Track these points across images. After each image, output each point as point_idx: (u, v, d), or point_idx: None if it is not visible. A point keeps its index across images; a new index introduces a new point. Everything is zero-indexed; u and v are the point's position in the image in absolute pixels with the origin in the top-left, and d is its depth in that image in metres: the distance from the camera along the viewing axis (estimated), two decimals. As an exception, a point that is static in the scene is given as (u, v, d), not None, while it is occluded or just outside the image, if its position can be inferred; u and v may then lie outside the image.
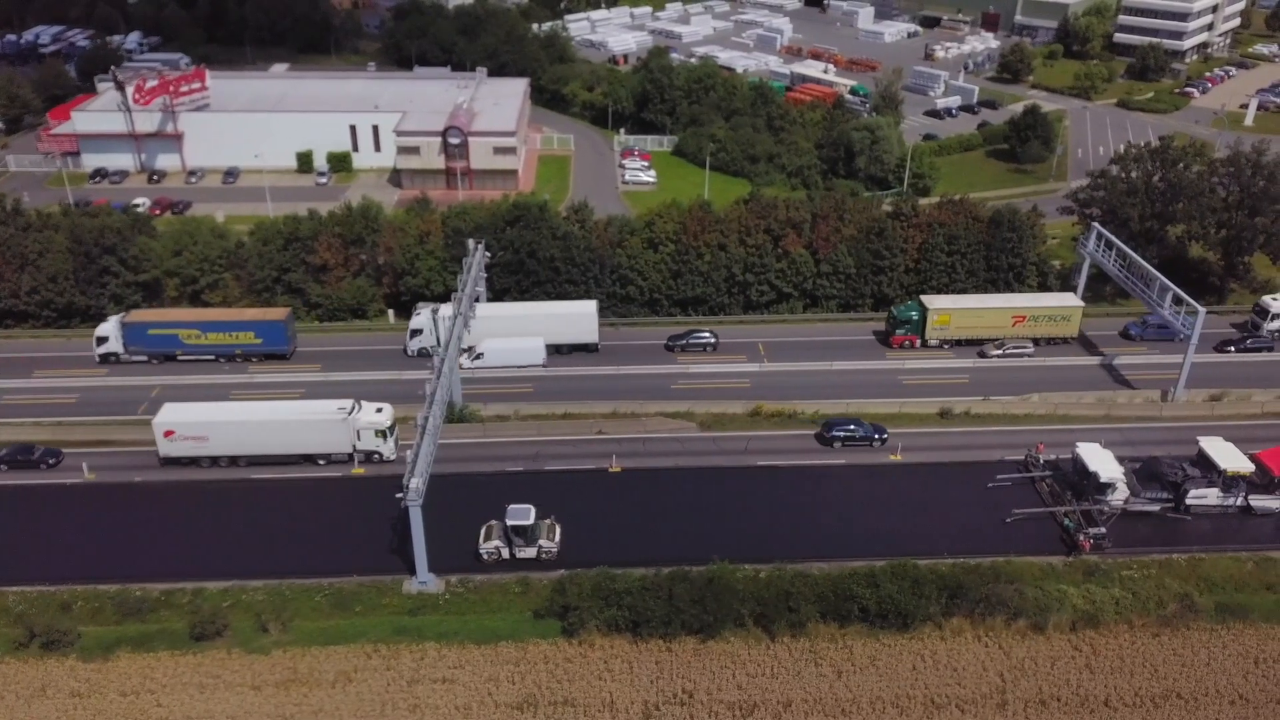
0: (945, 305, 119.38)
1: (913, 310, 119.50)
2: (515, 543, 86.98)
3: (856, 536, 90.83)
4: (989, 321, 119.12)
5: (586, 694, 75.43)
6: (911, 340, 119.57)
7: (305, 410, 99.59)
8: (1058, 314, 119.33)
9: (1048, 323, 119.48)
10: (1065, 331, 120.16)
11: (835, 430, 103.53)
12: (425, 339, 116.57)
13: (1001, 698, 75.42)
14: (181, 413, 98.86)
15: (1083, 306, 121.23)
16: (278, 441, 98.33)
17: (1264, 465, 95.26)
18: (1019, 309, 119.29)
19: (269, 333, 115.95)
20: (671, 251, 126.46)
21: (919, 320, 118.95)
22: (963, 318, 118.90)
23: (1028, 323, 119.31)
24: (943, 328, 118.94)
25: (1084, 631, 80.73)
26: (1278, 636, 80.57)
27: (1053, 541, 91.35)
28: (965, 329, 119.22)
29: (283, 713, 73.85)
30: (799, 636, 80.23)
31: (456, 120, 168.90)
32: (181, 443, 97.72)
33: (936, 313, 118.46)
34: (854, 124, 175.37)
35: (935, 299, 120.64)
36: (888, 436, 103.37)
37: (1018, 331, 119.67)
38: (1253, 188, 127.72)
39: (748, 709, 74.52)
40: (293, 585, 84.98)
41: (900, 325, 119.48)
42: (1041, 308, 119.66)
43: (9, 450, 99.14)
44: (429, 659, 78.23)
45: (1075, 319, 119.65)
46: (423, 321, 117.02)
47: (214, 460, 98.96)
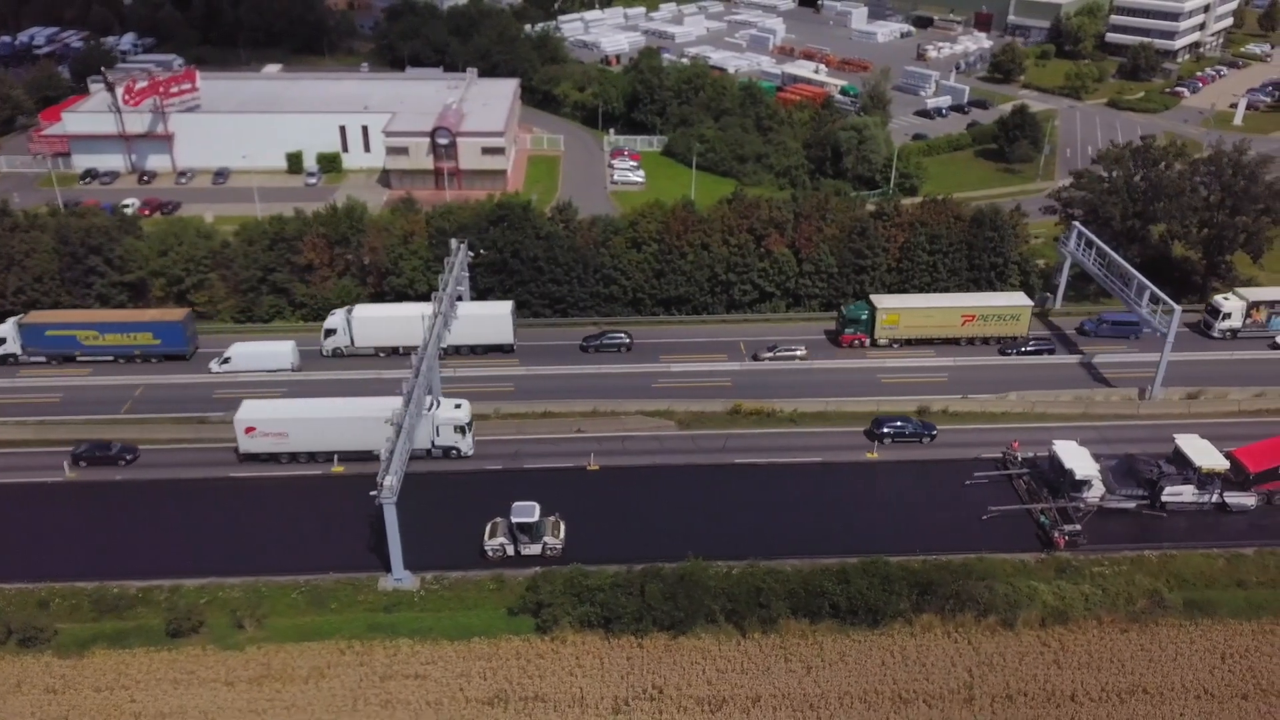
0: (894, 305, 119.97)
1: (862, 310, 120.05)
2: (520, 540, 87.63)
3: (831, 534, 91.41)
4: (938, 321, 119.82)
5: (557, 689, 76.06)
6: (861, 339, 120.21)
7: (386, 407, 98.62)
8: (1007, 313, 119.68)
9: (997, 322, 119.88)
10: (1015, 330, 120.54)
11: (885, 426, 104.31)
12: (339, 339, 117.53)
13: (969, 693, 75.98)
14: (262, 410, 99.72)
15: (1031, 306, 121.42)
16: (356, 438, 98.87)
17: (1239, 462, 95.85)
18: (968, 308, 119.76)
19: (167, 333, 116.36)
20: (655, 251, 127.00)
21: (868, 320, 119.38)
22: (912, 317, 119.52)
23: (977, 322, 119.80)
24: (892, 327, 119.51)
25: (1053, 627, 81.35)
26: (1245, 632, 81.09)
27: (1029, 539, 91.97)
28: (915, 328, 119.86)
29: (255, 708, 74.52)
30: (770, 632, 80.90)
31: (445, 121, 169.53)
32: (261, 439, 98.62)
33: (885, 312, 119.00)
34: (841, 124, 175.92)
35: (884, 298, 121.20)
36: (936, 433, 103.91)
37: (966, 331, 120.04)
38: (1234, 187, 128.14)
39: (717, 704, 75.13)
40: (269, 583, 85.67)
41: (849, 324, 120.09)
42: (991, 307, 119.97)
43: (87, 446, 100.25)
44: (402, 655, 78.91)
45: (1024, 318, 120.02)
46: (336, 322, 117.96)
47: (293, 456, 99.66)
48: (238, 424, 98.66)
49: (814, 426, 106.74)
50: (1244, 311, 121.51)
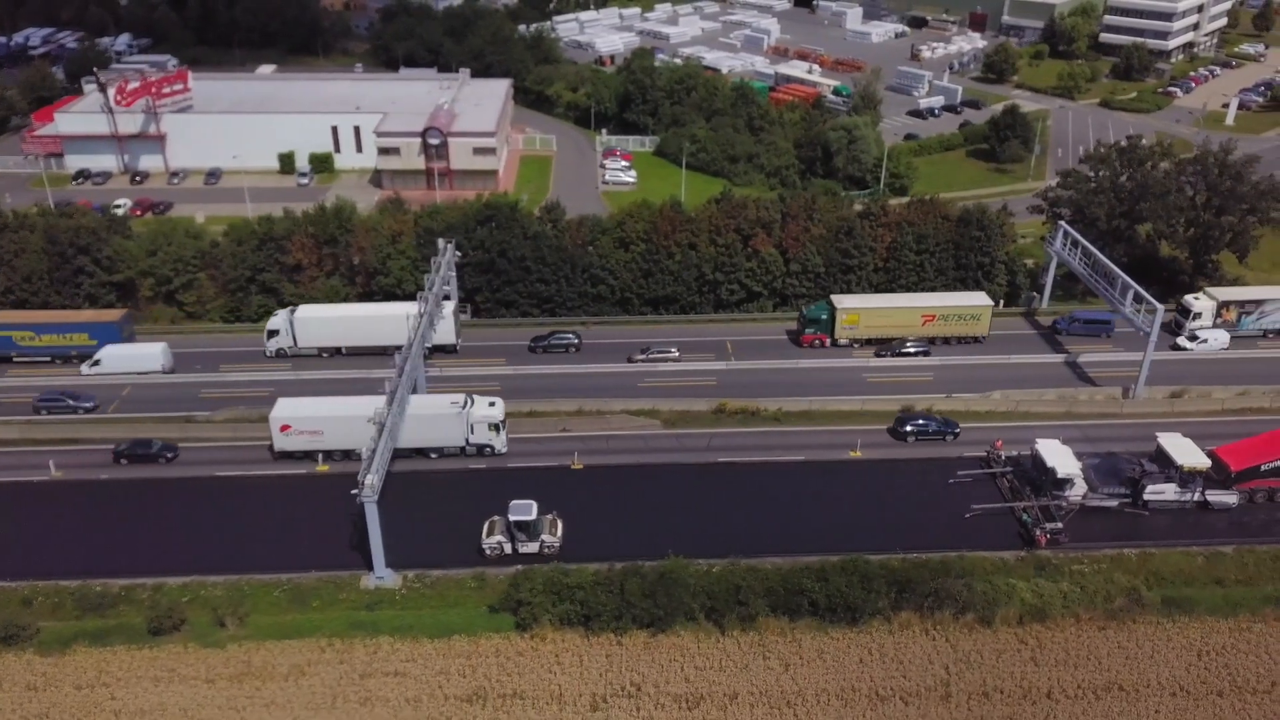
0: (854, 305, 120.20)
1: (822, 311, 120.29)
2: (518, 538, 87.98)
3: (813, 532, 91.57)
4: (898, 320, 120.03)
5: (535, 687, 76.42)
6: (821, 339, 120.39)
7: (421, 405, 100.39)
8: (968, 313, 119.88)
9: (957, 322, 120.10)
10: (976, 330, 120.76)
11: (908, 425, 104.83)
12: (282, 339, 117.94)
13: (945, 690, 76.32)
14: (297, 408, 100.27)
15: (992, 306, 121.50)
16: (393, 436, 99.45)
17: (1221, 461, 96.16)
18: (928, 308, 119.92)
19: (103, 334, 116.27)
20: (642, 251, 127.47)
21: (828, 320, 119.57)
22: (871, 317, 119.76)
23: (937, 321, 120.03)
24: (852, 327, 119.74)
25: (1031, 625, 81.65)
26: (1222, 630, 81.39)
27: (1011, 537, 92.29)
28: (875, 328, 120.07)
29: (234, 705, 74.88)
30: (749, 630, 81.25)
31: (436, 121, 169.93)
32: (297, 437, 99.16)
33: (845, 312, 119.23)
34: (831, 124, 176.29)
35: (844, 298, 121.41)
36: (959, 431, 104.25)
37: (928, 331, 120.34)
38: (1219, 187, 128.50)
39: (694, 701, 75.46)
40: (252, 581, 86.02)
41: (810, 325, 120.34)
42: (951, 307, 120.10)
43: (128, 444, 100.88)
44: (382, 653, 79.27)
45: (985, 318, 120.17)
46: (279, 323, 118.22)
47: (328, 454, 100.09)
48: (273, 422, 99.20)
49: (798, 425, 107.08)
50: (1214, 311, 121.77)
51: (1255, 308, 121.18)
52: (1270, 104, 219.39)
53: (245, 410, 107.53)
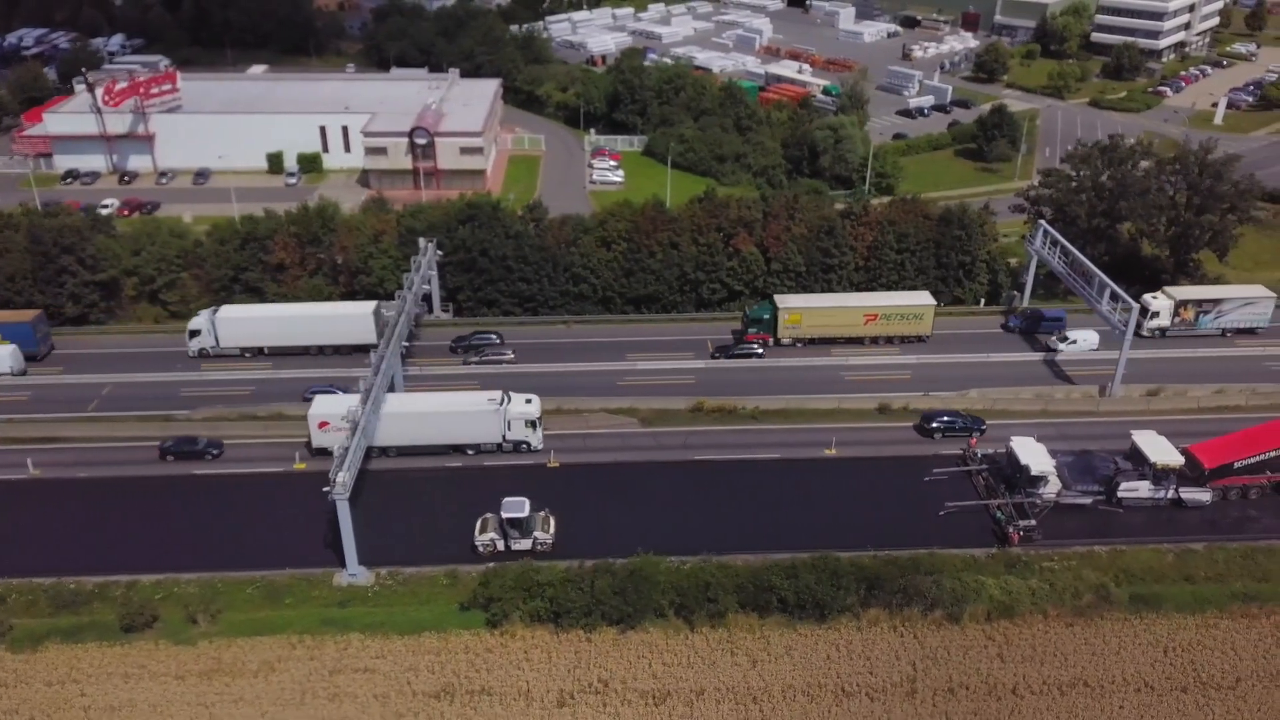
0: (797, 305, 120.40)
1: (765, 311, 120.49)
2: (511, 535, 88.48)
3: (788, 530, 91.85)
4: (841, 320, 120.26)
5: (504, 683, 76.83)
6: (765, 339, 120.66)
7: (458, 402, 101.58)
8: (910, 312, 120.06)
9: (900, 321, 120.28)
10: (919, 330, 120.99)
11: (935, 421, 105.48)
12: (204, 339, 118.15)
13: (911, 686, 76.66)
14: (335, 404, 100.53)
15: (935, 305, 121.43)
16: (429, 432, 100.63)
17: (1195, 458, 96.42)
18: (871, 308, 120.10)
19: (16, 334, 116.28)
20: (624, 250, 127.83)
21: (771, 320, 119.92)
22: (814, 317, 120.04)
23: (880, 321, 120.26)
24: (794, 327, 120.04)
25: (999, 622, 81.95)
26: (1189, 626, 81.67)
27: (985, 534, 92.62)
28: (817, 328, 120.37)
29: (204, 701, 75.36)
30: (718, 627, 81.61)
31: (423, 121, 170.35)
32: (336, 434, 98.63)
33: (788, 312, 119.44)
34: (818, 124, 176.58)
35: (787, 298, 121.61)
36: (986, 428, 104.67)
37: (870, 330, 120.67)
38: (1200, 186, 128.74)
39: (660, 697, 75.84)
40: (225, 578, 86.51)
41: (753, 325, 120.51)
42: (893, 306, 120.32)
43: (174, 442, 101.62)
44: (352, 649, 79.73)
45: (928, 317, 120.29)
46: (201, 323, 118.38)
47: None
48: (311, 419, 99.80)
49: (775, 423, 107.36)
50: (1172, 310, 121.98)
51: (1213, 307, 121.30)
52: (1260, 104, 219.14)
53: (224, 409, 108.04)
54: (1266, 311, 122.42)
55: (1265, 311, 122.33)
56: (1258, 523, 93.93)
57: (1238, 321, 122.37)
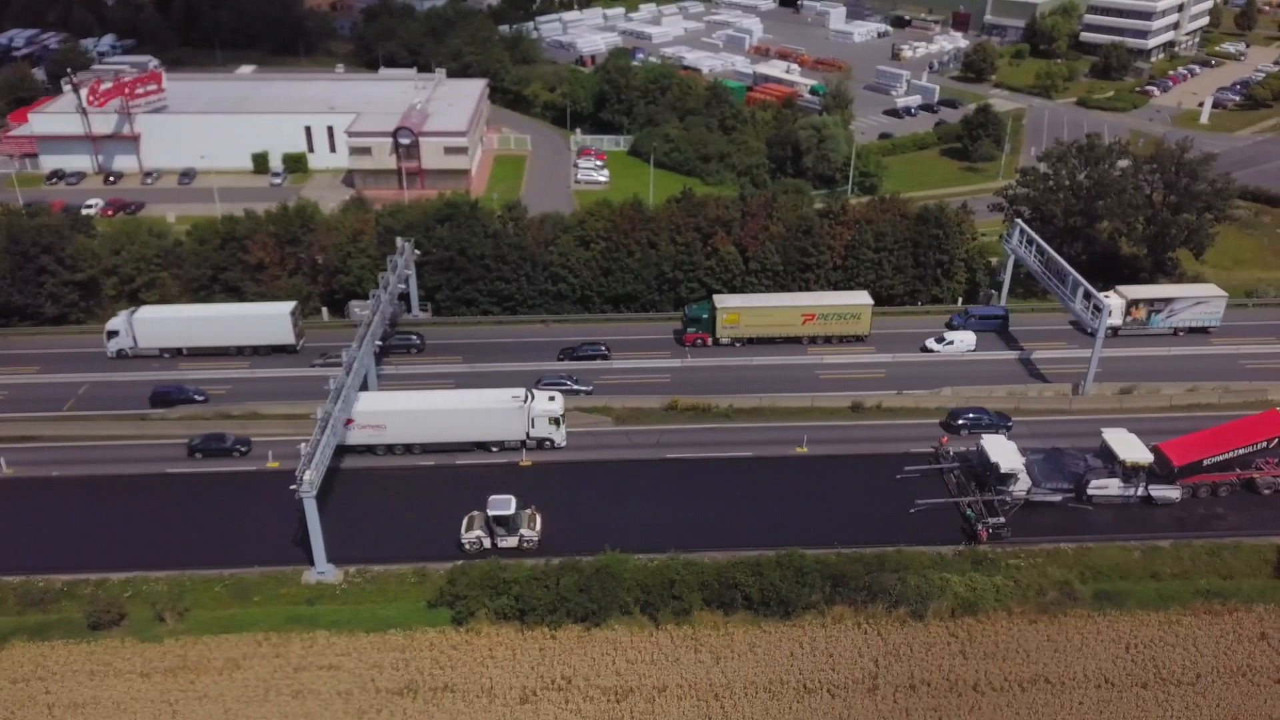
0: (734, 304, 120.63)
1: (703, 310, 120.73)
2: (497, 532, 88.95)
3: (758, 527, 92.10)
4: (778, 320, 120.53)
5: (467, 680, 77.11)
6: (703, 338, 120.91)
7: (483, 399, 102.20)
8: (847, 312, 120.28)
9: (837, 321, 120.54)
10: (856, 329, 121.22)
11: (961, 418, 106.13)
12: (122, 340, 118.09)
13: (873, 683, 76.93)
14: (361, 402, 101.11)
15: (871, 305, 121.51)
16: (454, 430, 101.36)
17: (1164, 456, 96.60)
18: (808, 307, 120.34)
19: None
20: (603, 249, 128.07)
21: (709, 319, 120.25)
22: (752, 316, 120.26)
23: (817, 321, 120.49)
24: (733, 326, 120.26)
25: (963, 619, 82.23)
26: (1152, 623, 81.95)
27: (955, 532, 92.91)
28: (755, 327, 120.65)
29: (168, 699, 75.64)
30: (683, 624, 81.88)
31: (408, 121, 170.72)
32: (360, 431, 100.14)
33: (725, 311, 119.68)
34: (801, 123, 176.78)
35: (726, 298, 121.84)
36: (1013, 425, 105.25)
37: (808, 330, 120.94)
38: (1177, 185, 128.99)
39: (623, 694, 76.12)
40: (194, 576, 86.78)
41: (691, 324, 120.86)
42: (831, 306, 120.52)
43: (202, 439, 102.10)
44: (318, 646, 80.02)
45: (865, 317, 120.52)
46: (119, 323, 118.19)
47: (389, 448, 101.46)
48: None
49: (749, 422, 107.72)
50: (1124, 309, 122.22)
51: (1164, 306, 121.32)
52: (1246, 103, 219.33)
53: (199, 408, 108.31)
54: (1218, 310, 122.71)
55: (1216, 310, 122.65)
56: (1225, 520, 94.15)
57: (1190, 320, 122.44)
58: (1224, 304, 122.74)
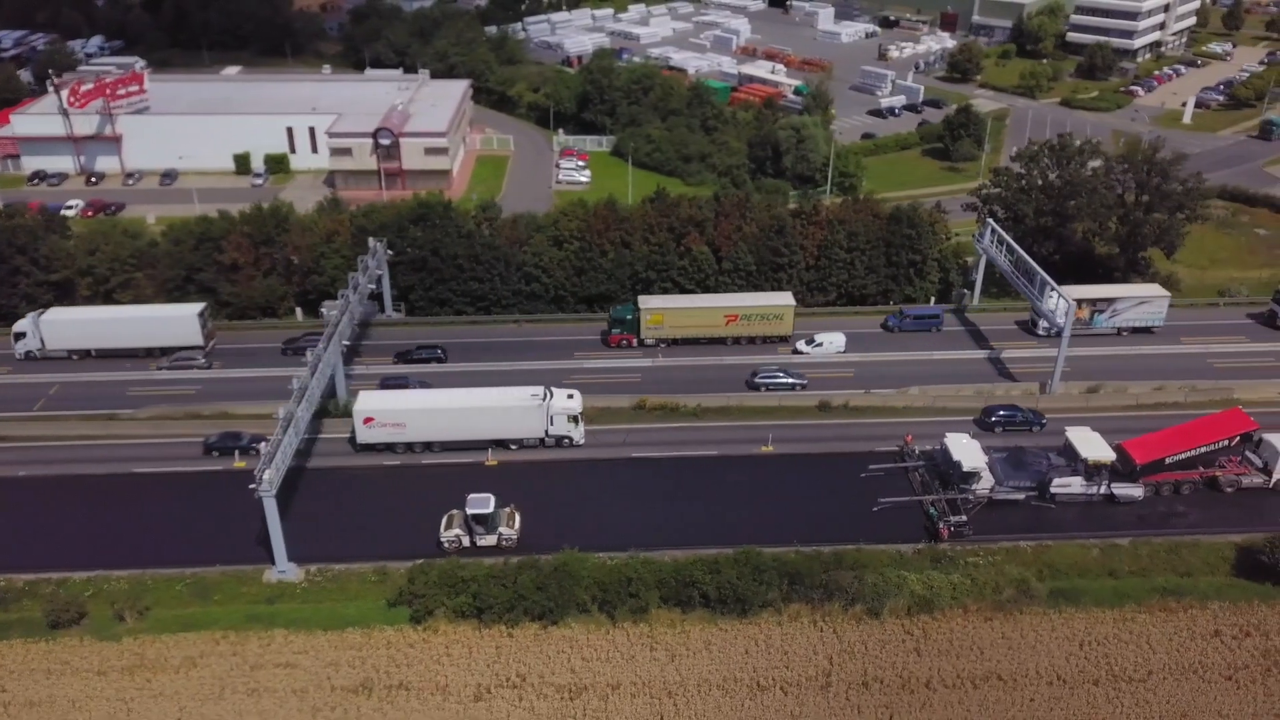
0: (658, 305, 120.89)
1: (628, 311, 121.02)
2: (476, 530, 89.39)
3: (721, 526, 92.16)
4: (701, 320, 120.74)
5: (422, 678, 77.42)
6: (628, 339, 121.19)
7: (502, 397, 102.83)
8: (770, 313, 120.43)
9: (760, 321, 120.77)
10: (779, 330, 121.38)
11: (994, 415, 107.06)
12: (29, 342, 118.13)
13: (826, 680, 77.20)
14: (380, 400, 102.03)
15: (794, 306, 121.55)
16: (473, 427, 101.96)
17: (1127, 454, 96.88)
18: (731, 308, 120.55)
19: None
20: (576, 249, 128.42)
21: (633, 320, 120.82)
22: (675, 317, 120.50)
23: (740, 322, 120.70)
24: (656, 327, 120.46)
25: (919, 616, 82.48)
26: (1107, 620, 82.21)
27: (917, 530, 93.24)
28: (679, 328, 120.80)
29: (123, 697, 75.95)
30: (640, 622, 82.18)
31: (388, 122, 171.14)
32: (379, 429, 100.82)
33: (649, 312, 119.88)
34: (781, 123, 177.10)
35: (650, 299, 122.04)
36: (1046, 422, 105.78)
37: (731, 331, 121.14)
38: (1148, 184, 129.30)
39: (577, 691, 76.44)
40: (156, 575, 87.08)
41: (615, 325, 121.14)
42: (753, 307, 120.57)
43: (218, 437, 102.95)
44: (275, 645, 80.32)
45: (788, 318, 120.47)
46: (26, 325, 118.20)
47: (408, 446, 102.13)
48: (356, 415, 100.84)
49: (716, 421, 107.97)
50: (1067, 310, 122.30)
51: (1108, 306, 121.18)
52: (1229, 103, 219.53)
53: (168, 408, 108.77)
54: (1161, 310, 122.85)
55: (1159, 310, 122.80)
56: (1185, 518, 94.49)
57: (1133, 320, 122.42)
58: (1166, 304, 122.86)
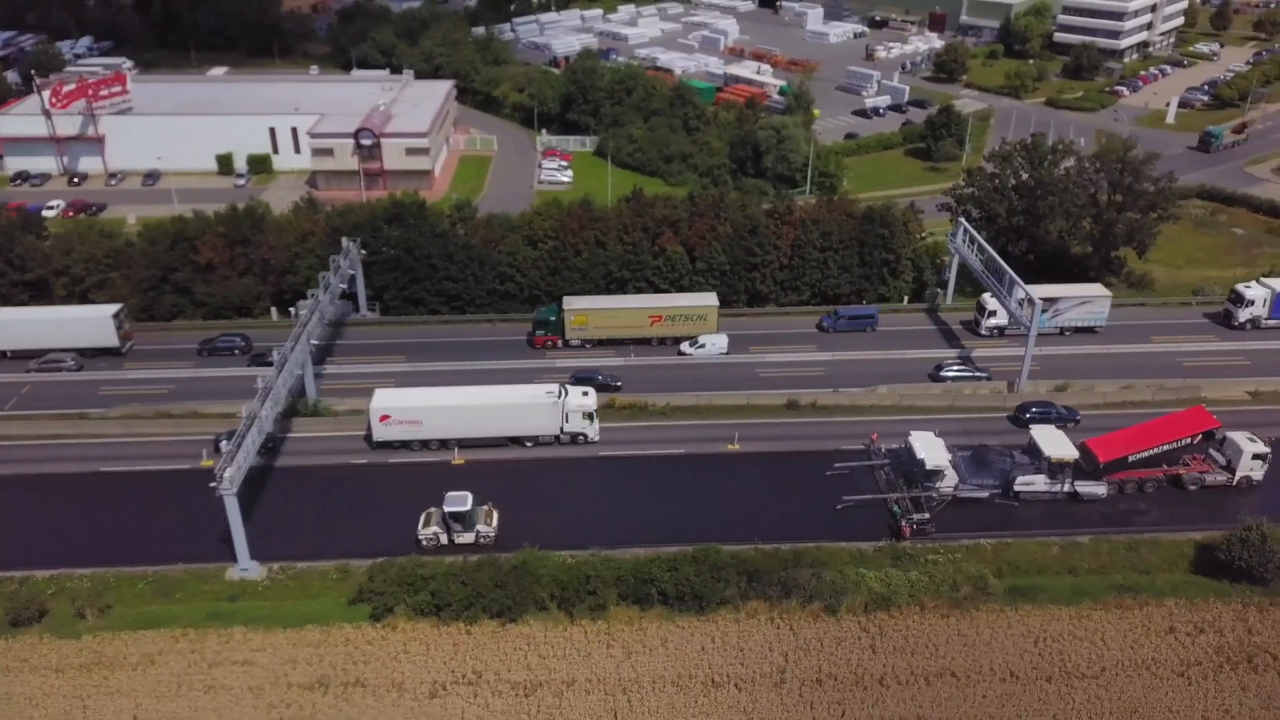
0: (582, 306, 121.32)
1: (552, 312, 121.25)
2: (454, 528, 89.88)
3: (684, 524, 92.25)
4: (625, 321, 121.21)
5: (379, 675, 77.67)
6: (553, 340, 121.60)
7: (518, 395, 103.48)
8: (694, 313, 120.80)
9: (684, 322, 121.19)
10: (704, 330, 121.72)
11: (1028, 412, 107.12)
12: None
13: (780, 676, 77.43)
14: (396, 398, 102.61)
15: (718, 306, 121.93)
16: (490, 425, 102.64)
17: (1090, 452, 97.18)
18: (655, 309, 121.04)
19: None
20: (550, 249, 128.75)
21: (558, 321, 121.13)
22: (599, 318, 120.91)
23: (665, 322, 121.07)
24: (581, 328, 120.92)
25: (876, 614, 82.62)
26: (1063, 617, 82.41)
27: (881, 528, 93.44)
28: (604, 329, 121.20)
29: (80, 694, 76.18)
30: (599, 619, 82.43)
31: (369, 122, 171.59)
32: (396, 427, 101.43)
33: (573, 313, 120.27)
34: (761, 123, 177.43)
35: (574, 300, 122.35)
36: (1080, 418, 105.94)
37: (655, 331, 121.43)
38: (1121, 184, 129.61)
39: (532, 688, 76.70)
40: (119, 573, 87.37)
41: (540, 326, 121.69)
42: (677, 307, 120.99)
43: (228, 435, 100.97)
44: (234, 642, 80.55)
45: (712, 318, 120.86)
46: None
47: (424, 443, 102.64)
48: (372, 412, 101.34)
49: (685, 419, 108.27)
50: None
51: (1049, 305, 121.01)
52: (1214, 103, 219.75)
53: (139, 407, 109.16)
54: (1103, 310, 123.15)
55: (1102, 310, 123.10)
56: (1147, 515, 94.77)
57: (1075, 320, 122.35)
58: (1108, 304, 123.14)
